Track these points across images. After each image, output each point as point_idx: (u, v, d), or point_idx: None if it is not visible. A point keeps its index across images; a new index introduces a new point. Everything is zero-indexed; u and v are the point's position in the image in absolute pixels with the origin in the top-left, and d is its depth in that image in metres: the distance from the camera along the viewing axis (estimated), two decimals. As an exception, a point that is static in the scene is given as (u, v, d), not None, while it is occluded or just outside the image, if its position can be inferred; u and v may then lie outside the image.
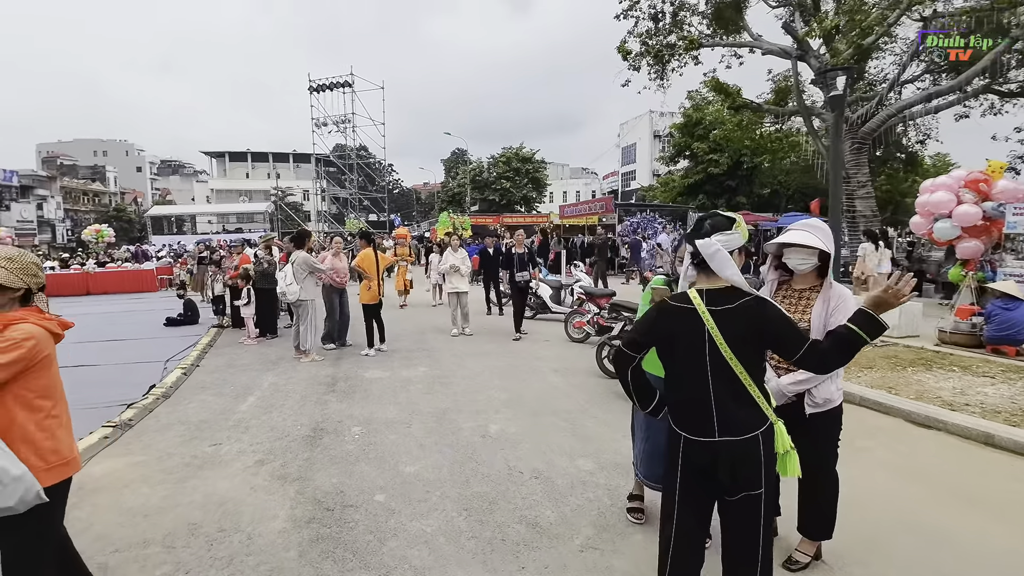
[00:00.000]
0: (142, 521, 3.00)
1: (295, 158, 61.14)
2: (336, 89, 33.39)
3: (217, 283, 9.91)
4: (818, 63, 14.41)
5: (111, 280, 17.88)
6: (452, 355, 7.21)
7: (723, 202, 29.14)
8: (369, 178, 39.47)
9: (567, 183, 65.65)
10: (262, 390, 5.66)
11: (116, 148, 69.75)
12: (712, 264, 1.79)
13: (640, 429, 2.87)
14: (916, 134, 22.02)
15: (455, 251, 8.97)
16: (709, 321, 1.76)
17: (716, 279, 1.82)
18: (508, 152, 41.03)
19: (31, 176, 49.26)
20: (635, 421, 3.02)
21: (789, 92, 18.13)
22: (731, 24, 16.73)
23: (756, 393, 1.79)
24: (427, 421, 4.64)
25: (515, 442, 4.15)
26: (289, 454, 3.93)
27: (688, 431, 1.83)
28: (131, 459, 3.85)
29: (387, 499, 3.26)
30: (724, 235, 1.80)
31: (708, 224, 1.84)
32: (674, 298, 1.88)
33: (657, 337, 1.89)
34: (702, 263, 1.83)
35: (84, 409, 4.93)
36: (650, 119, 49.22)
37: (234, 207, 44.25)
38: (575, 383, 5.80)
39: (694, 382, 1.81)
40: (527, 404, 5.09)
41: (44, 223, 48.43)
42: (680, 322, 1.82)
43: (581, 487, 3.42)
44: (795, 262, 2.36)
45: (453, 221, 24.59)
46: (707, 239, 1.79)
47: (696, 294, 1.82)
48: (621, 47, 17.19)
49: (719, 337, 1.75)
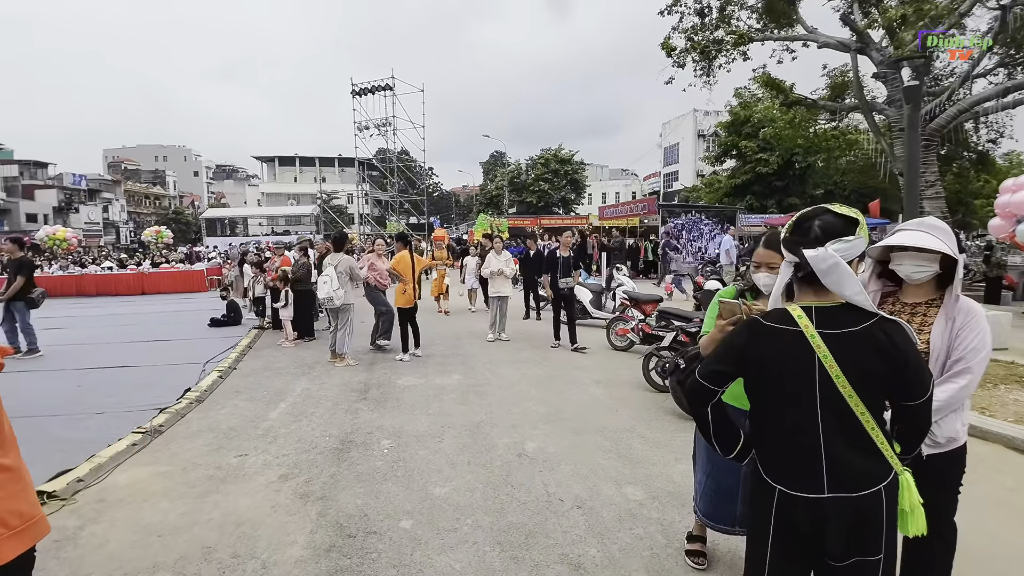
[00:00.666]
0: (155, 542, 2.82)
1: (340, 162, 62.71)
2: (377, 93, 33.82)
3: (258, 284, 10.00)
4: (880, 56, 13.41)
5: (164, 280, 18.58)
6: (488, 362, 6.92)
7: (773, 203, 27.82)
8: (410, 181, 39.85)
9: (606, 184, 64.65)
10: (294, 396, 5.52)
11: (175, 153, 73.58)
12: (826, 280, 1.38)
13: (702, 460, 2.45)
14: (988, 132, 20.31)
15: (498, 254, 8.62)
16: (821, 347, 1.37)
17: (827, 294, 1.43)
18: (546, 153, 40.67)
19: (98, 180, 52.52)
20: (697, 448, 2.60)
21: (846, 87, 17.01)
22: (783, 17, 15.81)
23: (879, 437, 1.39)
24: (460, 435, 4.34)
25: (554, 463, 3.79)
26: (315, 469, 3.72)
27: (785, 484, 1.43)
28: (156, 468, 3.73)
29: (413, 526, 2.97)
30: (843, 243, 1.38)
31: (817, 226, 1.42)
32: (770, 316, 1.48)
33: (747, 366, 1.49)
34: (810, 277, 1.43)
35: (120, 412, 4.92)
36: (694, 118, 47.79)
37: (282, 210, 45.66)
38: (619, 396, 5.38)
39: (797, 424, 1.42)
40: (567, 419, 4.72)
41: (109, 225, 51.46)
42: (779, 348, 1.43)
43: (630, 520, 3.04)
44: (909, 269, 1.91)
45: (491, 223, 24.41)
46: (820, 250, 1.37)
47: (802, 313, 1.42)
48: (665, 43, 16.52)
49: (835, 368, 1.36)
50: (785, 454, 1.46)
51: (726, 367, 1.52)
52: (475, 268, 11.66)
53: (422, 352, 7.31)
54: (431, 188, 57.84)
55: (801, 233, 1.44)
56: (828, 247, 1.37)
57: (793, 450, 1.44)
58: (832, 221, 1.42)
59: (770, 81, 16.89)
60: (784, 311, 1.46)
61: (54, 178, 47.24)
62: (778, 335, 1.43)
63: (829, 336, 1.38)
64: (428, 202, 41.46)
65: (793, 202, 27.20)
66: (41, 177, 46.73)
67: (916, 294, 1.98)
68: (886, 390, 1.42)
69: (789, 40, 16.32)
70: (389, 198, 39.03)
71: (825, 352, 1.37)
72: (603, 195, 58.87)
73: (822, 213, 1.43)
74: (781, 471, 1.46)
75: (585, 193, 44.63)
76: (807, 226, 1.43)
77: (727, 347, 1.56)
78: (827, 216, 1.42)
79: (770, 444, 1.50)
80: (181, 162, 72.50)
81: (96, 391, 5.71)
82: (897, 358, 1.37)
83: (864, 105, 15.20)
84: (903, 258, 1.93)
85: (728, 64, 16.57)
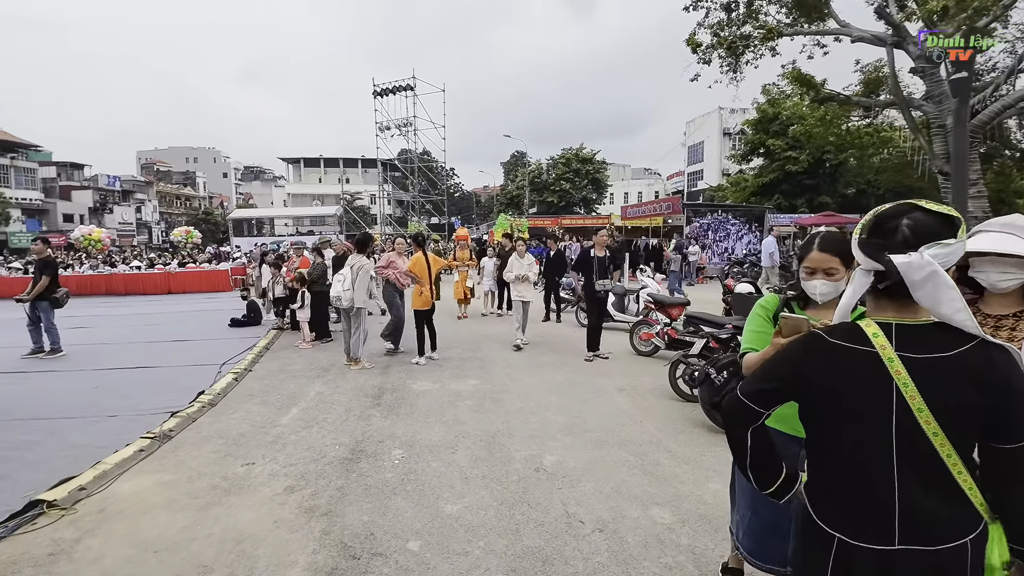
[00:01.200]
0: (151, 559, 2.68)
1: (363, 163, 63.35)
2: (399, 93, 33.92)
3: (278, 285, 9.98)
4: (918, 50, 12.77)
5: (190, 280, 18.87)
6: (506, 367, 6.70)
7: (803, 202, 27.00)
8: (431, 182, 39.95)
9: (628, 184, 63.88)
10: (307, 400, 5.39)
11: (205, 155, 75.39)
12: (919, 293, 1.12)
13: (747, 491, 2.17)
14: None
15: (521, 257, 8.20)
16: (901, 374, 1.11)
17: (912, 310, 1.17)
18: (568, 153, 40.28)
19: (132, 181, 54.05)
20: (736, 478, 2.33)
21: (880, 83, 16.32)
22: (814, 11, 15.20)
23: (968, 482, 1.13)
24: (474, 446, 4.13)
25: (574, 479, 3.55)
26: (322, 480, 3.55)
27: (847, 532, 1.18)
28: (161, 477, 3.61)
29: (422, 548, 2.76)
30: (941, 247, 1.10)
31: (906, 227, 1.14)
32: (836, 332, 1.22)
33: (803, 389, 1.24)
34: (895, 288, 1.16)
35: (133, 416, 4.85)
36: (719, 116, 46.78)
37: (307, 210, 46.28)
38: (644, 406, 5.11)
39: (865, 462, 1.17)
40: (588, 430, 4.47)
41: (142, 225, 52.94)
42: (846, 371, 1.17)
43: (658, 546, 2.78)
44: (995, 277, 1.63)
45: (511, 223, 24.19)
46: (915, 256, 1.10)
47: (878, 331, 1.17)
48: (690, 40, 16.05)
49: (916, 399, 1.10)
50: (849, 497, 1.20)
51: (773, 385, 1.28)
52: (493, 270, 11.30)
53: (438, 355, 7.13)
54: (452, 188, 57.97)
55: (883, 234, 1.17)
56: (924, 252, 1.10)
57: (859, 493, 1.19)
58: (925, 221, 1.13)
59: (800, 77, 16.26)
60: (854, 327, 1.20)
61: (90, 179, 48.75)
62: (844, 355, 1.18)
63: (912, 361, 1.12)
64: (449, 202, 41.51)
65: (824, 201, 26.37)
66: (77, 178, 48.29)
67: (1001, 305, 1.69)
68: (980, 428, 1.16)
69: (820, 34, 15.70)
70: (410, 198, 39.18)
71: (906, 380, 1.11)
72: (625, 195, 58.17)
73: (910, 211, 1.16)
74: (842, 517, 1.21)
75: (607, 193, 44.07)
76: (892, 226, 1.15)
77: (777, 362, 1.31)
78: (917, 214, 1.14)
79: (830, 484, 1.25)
80: (211, 163, 74.25)
81: (113, 392, 5.68)
82: (1000, 391, 1.10)
83: (901, 101, 14.55)
84: (985, 264, 1.64)
85: (756, 60, 16.05)
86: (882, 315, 1.20)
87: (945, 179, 13.20)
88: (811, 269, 1.77)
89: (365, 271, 6.76)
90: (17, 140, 42.69)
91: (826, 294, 1.74)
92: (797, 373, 1.24)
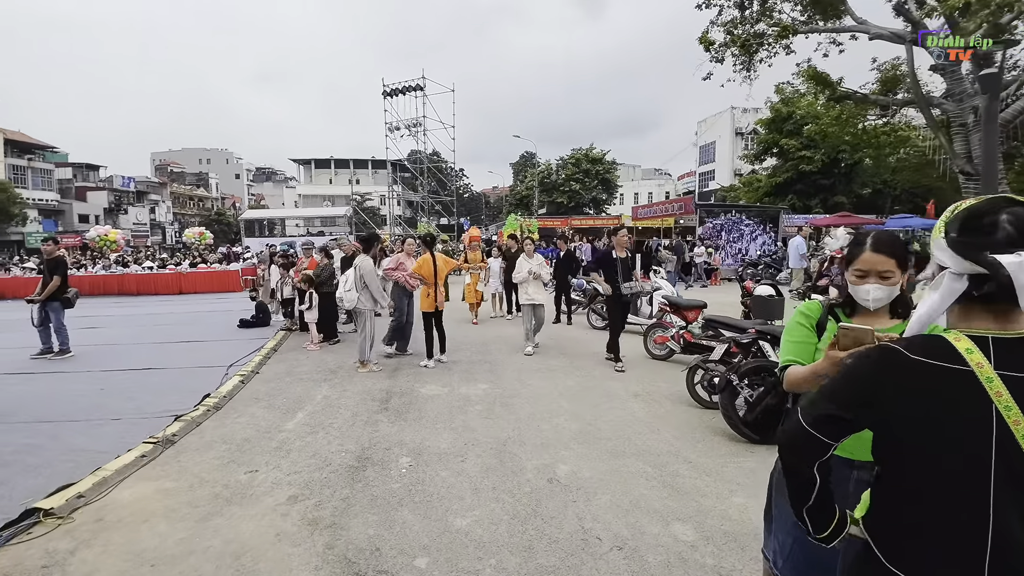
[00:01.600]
0: (147, 572, 2.56)
1: (373, 164, 63.54)
2: (408, 93, 33.87)
3: (287, 286, 9.91)
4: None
5: (201, 280, 18.93)
6: (516, 370, 6.54)
7: (817, 202, 26.58)
8: (440, 182, 39.90)
9: (639, 184, 63.49)
10: (314, 404, 5.28)
11: (218, 156, 76.09)
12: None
13: (786, 518, 1.95)
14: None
15: (530, 257, 7.92)
16: (1003, 396, 0.95)
17: (1017, 320, 1.00)
18: (577, 153, 40.05)
19: (146, 182, 54.68)
20: (778, 498, 2.09)
21: (898, 81, 15.95)
22: (830, 8, 14.88)
23: None
24: (484, 455, 3.98)
25: (590, 492, 3.38)
26: (327, 490, 3.42)
27: (919, 574, 1.02)
28: (161, 484, 3.50)
29: (429, 566, 2.62)
30: None
31: (1007, 222, 0.98)
32: (914, 347, 1.05)
33: (879, 415, 1.07)
34: (996, 295, 0.99)
35: (137, 419, 4.76)
36: (731, 115, 46.32)
37: (318, 211, 46.49)
38: (660, 413, 4.92)
39: (953, 497, 1.00)
40: (603, 439, 4.30)
41: (156, 225, 53.51)
42: (932, 393, 1.01)
43: (680, 567, 2.61)
44: None
45: (521, 224, 24.02)
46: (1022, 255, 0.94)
47: (972, 346, 1.00)
48: (703, 38, 15.78)
49: (1022, 425, 0.94)
50: (928, 535, 1.03)
51: (849, 411, 1.09)
52: (499, 271, 10.93)
53: (447, 358, 6.99)
54: (461, 189, 57.94)
55: (978, 232, 1.00)
56: None
57: (942, 531, 1.02)
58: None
59: (816, 75, 15.93)
60: (940, 341, 1.03)
61: (105, 180, 49.36)
62: (930, 375, 1.01)
63: (1016, 381, 0.95)
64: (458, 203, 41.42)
65: (839, 200, 25.94)
66: (93, 179, 48.90)
67: None
68: None
69: (837, 32, 15.38)
70: (420, 199, 39.16)
71: (1009, 402, 0.94)
72: (635, 195, 57.84)
73: (1008, 204, 0.98)
74: (917, 558, 1.04)
75: (617, 193, 43.77)
76: (990, 222, 0.98)
77: (848, 382, 1.13)
78: (1018, 209, 0.98)
79: (904, 520, 1.08)
80: (223, 165, 74.92)
81: (118, 395, 5.60)
82: None
83: (921, 100, 14.21)
84: None
85: (770, 58, 15.76)
86: (974, 327, 1.02)
87: (966, 179, 12.84)
88: (863, 272, 1.58)
89: (369, 271, 6.63)
90: (34, 141, 43.37)
91: (880, 300, 1.56)
92: (877, 396, 1.07)
